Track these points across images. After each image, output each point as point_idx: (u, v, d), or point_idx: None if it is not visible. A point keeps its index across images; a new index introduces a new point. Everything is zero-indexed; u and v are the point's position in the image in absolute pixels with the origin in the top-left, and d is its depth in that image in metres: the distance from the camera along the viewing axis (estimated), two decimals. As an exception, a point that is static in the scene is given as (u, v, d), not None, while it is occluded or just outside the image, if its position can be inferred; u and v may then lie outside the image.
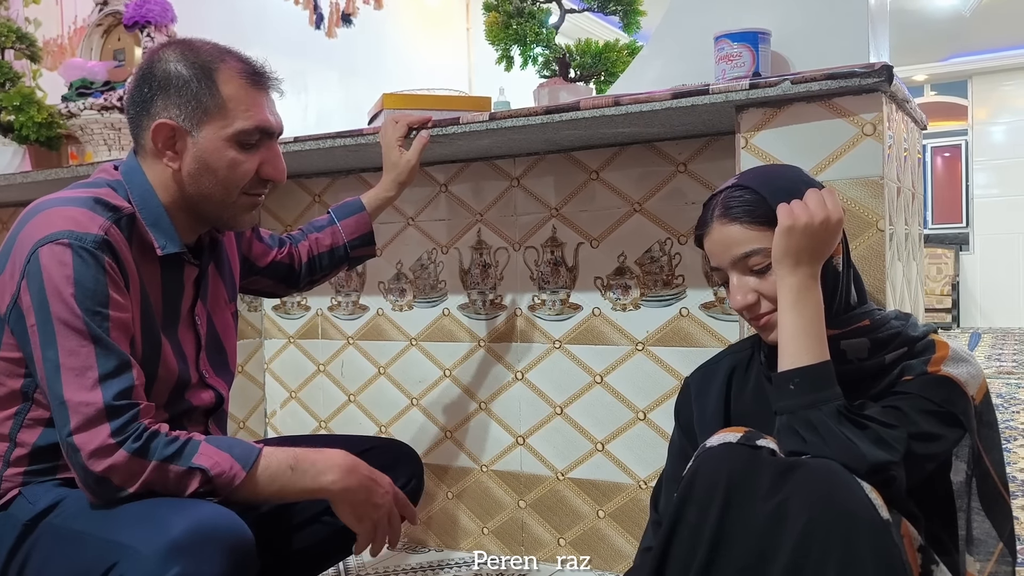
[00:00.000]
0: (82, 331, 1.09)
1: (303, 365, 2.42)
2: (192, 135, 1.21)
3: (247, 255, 1.54)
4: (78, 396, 1.07)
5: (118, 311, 1.13)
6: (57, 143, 2.53)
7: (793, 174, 1.20)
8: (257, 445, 1.16)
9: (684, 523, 1.02)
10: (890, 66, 1.36)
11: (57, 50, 3.64)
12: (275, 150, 1.28)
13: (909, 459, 1.04)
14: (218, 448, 1.12)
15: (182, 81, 1.20)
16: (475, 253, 2.13)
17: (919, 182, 1.91)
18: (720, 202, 1.17)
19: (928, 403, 1.08)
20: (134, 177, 1.24)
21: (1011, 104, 8.87)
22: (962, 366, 1.12)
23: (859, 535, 0.94)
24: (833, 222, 1.10)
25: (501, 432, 2.11)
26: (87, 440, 1.06)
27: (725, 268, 1.17)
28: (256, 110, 1.24)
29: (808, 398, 1.05)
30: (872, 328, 1.15)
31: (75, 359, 1.08)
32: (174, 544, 0.98)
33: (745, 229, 1.14)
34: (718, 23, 1.67)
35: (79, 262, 1.10)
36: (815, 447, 1.03)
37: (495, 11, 2.06)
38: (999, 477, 1.16)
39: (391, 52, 5.89)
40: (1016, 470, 3.01)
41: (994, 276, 8.87)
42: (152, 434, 1.09)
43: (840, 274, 1.15)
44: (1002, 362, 6.01)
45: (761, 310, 1.15)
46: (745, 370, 1.28)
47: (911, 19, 7.26)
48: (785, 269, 1.10)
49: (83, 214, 1.14)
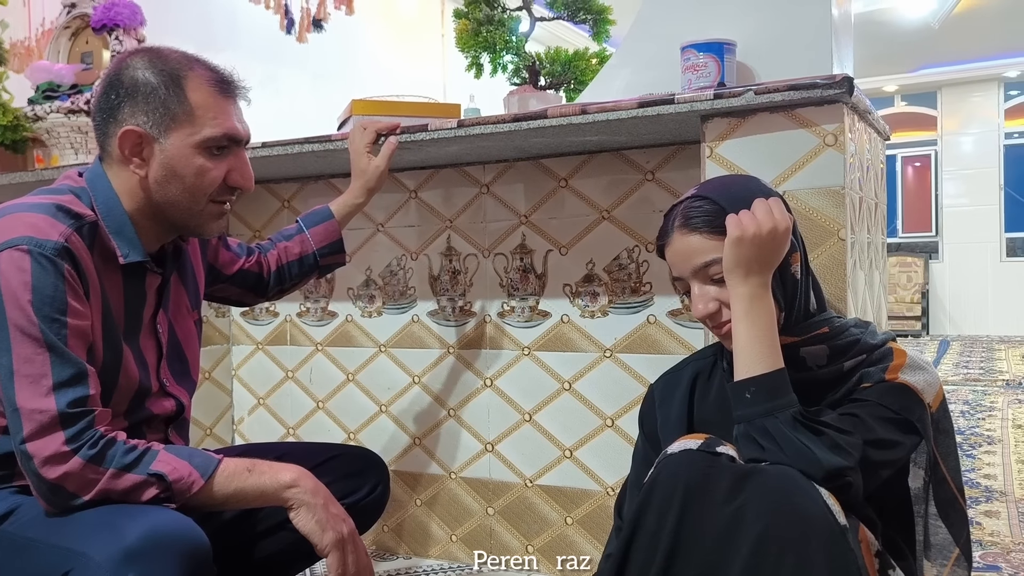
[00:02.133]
0: (38, 338, 1.08)
1: (271, 371, 2.40)
2: (159, 142, 1.20)
3: (213, 263, 1.53)
4: (32, 403, 1.06)
5: (76, 319, 1.12)
6: (23, 146, 2.50)
7: (751, 184, 1.21)
8: (217, 455, 1.16)
9: (643, 529, 1.03)
10: (851, 78, 1.38)
11: (24, 52, 3.60)
12: (243, 157, 1.28)
13: (865, 465, 1.05)
14: (177, 456, 1.12)
15: (150, 88, 1.20)
16: (445, 260, 2.13)
17: (882, 192, 1.93)
18: (680, 212, 1.18)
19: (885, 410, 1.09)
20: (99, 184, 1.24)
21: (979, 115, 9.04)
22: (919, 374, 1.13)
23: (814, 540, 0.95)
24: (780, 231, 1.11)
25: (470, 439, 2.11)
26: (40, 447, 1.05)
27: (687, 278, 1.18)
28: (224, 118, 1.23)
29: (764, 406, 1.07)
30: (831, 335, 1.16)
31: (30, 366, 1.07)
32: (129, 551, 0.98)
33: (705, 239, 1.15)
34: (685, 33, 1.68)
35: (38, 269, 1.09)
36: (773, 454, 1.04)
37: (465, 18, 2.07)
38: (955, 483, 1.17)
39: (364, 58, 5.89)
40: (981, 476, 3.05)
41: (962, 285, 9.02)
42: (108, 441, 1.08)
43: (799, 281, 1.16)
44: (969, 369, 6.10)
45: (723, 318, 1.16)
46: (708, 377, 1.29)
47: (881, 30, 7.38)
48: (736, 279, 1.11)
49: (44, 220, 1.13)
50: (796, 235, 1.18)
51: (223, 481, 1.13)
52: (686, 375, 1.30)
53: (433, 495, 2.16)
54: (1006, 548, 2.26)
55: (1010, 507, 2.65)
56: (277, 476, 1.17)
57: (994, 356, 6.96)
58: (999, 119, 8.98)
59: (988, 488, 2.89)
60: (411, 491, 2.18)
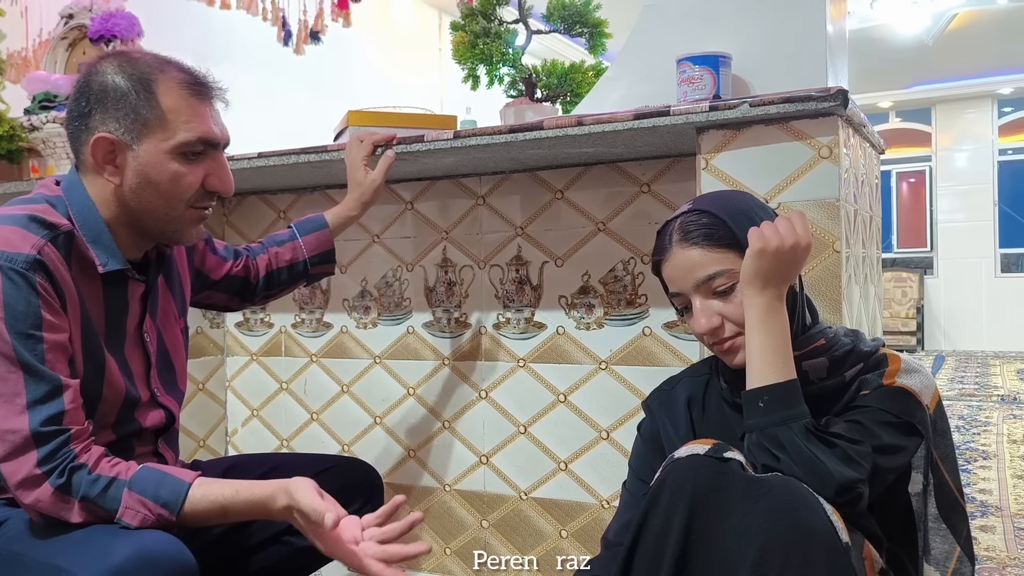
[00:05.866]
0: (10, 357, 1.06)
1: (265, 383, 2.39)
2: (132, 149, 1.18)
3: (200, 268, 1.51)
4: (5, 423, 1.04)
5: (53, 332, 1.09)
6: (18, 156, 2.49)
7: (747, 198, 1.21)
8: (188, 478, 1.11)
9: (649, 532, 1.02)
10: (845, 91, 1.39)
11: (21, 63, 3.60)
12: (221, 161, 1.25)
13: (874, 473, 1.05)
14: (142, 496, 1.08)
15: (120, 93, 1.17)
16: (440, 271, 2.13)
17: (877, 205, 1.94)
18: (678, 227, 1.17)
19: (887, 415, 1.09)
20: (74, 193, 1.21)
21: (973, 131, 9.08)
22: (915, 376, 1.14)
23: (817, 557, 0.94)
24: (802, 247, 1.10)
25: (465, 451, 2.10)
26: (14, 470, 1.04)
27: (687, 292, 1.17)
28: (198, 121, 1.20)
29: (777, 415, 1.06)
30: (828, 347, 1.16)
31: (3, 385, 1.06)
32: (115, 570, 0.97)
33: (706, 252, 1.14)
34: (681, 46, 1.69)
35: (8, 284, 1.07)
36: (786, 465, 1.03)
37: (462, 31, 2.08)
38: (954, 484, 1.17)
39: (361, 70, 5.91)
40: (976, 491, 3.05)
41: (958, 300, 9.04)
42: (75, 468, 1.06)
43: (797, 295, 1.17)
44: (964, 384, 6.10)
45: (725, 333, 1.15)
46: (702, 398, 1.27)
47: (876, 47, 7.42)
48: (753, 290, 1.10)
49: (15, 232, 1.11)
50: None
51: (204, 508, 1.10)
52: (680, 396, 1.29)
53: (427, 507, 2.15)
54: (1002, 563, 2.26)
55: (1005, 522, 2.65)
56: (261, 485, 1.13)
57: (989, 371, 6.97)
58: (993, 135, 9.03)
59: (983, 503, 2.88)
60: (406, 504, 2.17)
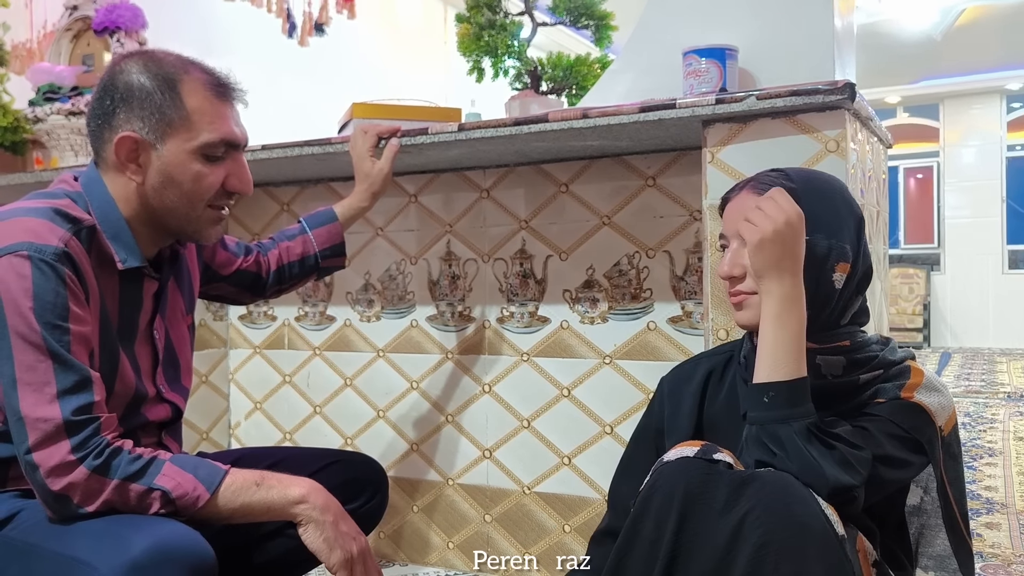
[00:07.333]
0: (40, 346, 1.06)
1: (268, 376, 2.39)
2: (156, 148, 1.18)
3: (209, 263, 1.51)
4: (36, 412, 1.04)
5: (79, 324, 1.10)
6: (22, 148, 2.50)
7: (837, 184, 1.19)
8: (223, 467, 1.13)
9: (640, 537, 1.02)
10: (853, 84, 1.37)
11: (26, 54, 3.60)
12: (241, 161, 1.26)
13: (872, 481, 1.04)
14: (182, 468, 1.10)
15: (145, 93, 1.18)
16: (444, 264, 2.12)
17: (884, 200, 1.92)
18: (758, 177, 1.17)
19: (896, 428, 1.08)
20: (95, 189, 1.21)
21: (980, 127, 9.03)
22: (934, 395, 1.12)
23: (812, 549, 0.94)
24: (794, 219, 1.07)
25: (468, 445, 2.09)
26: (46, 457, 1.04)
27: (731, 236, 1.17)
28: (221, 122, 1.21)
29: (780, 413, 1.05)
30: (851, 349, 1.14)
31: (33, 374, 1.05)
32: (133, 563, 0.96)
33: None
34: (687, 39, 1.68)
35: (38, 275, 1.07)
36: (781, 462, 1.02)
37: (467, 23, 2.07)
38: (960, 511, 1.16)
39: (365, 62, 5.89)
40: (982, 488, 3.04)
41: (964, 297, 9.00)
42: (114, 451, 1.07)
43: (837, 292, 1.13)
44: (971, 381, 6.08)
45: (741, 287, 1.15)
46: (720, 377, 1.27)
47: (883, 42, 7.38)
48: (771, 281, 1.07)
49: (43, 225, 1.11)
50: (860, 246, 1.15)
51: (229, 495, 1.11)
52: (700, 371, 1.29)
53: (431, 502, 2.14)
54: (1007, 560, 2.24)
55: (1011, 519, 2.64)
56: (286, 491, 1.14)
57: (995, 368, 6.94)
58: (1001, 131, 8.98)
59: (989, 500, 2.87)
60: (408, 498, 2.17)
